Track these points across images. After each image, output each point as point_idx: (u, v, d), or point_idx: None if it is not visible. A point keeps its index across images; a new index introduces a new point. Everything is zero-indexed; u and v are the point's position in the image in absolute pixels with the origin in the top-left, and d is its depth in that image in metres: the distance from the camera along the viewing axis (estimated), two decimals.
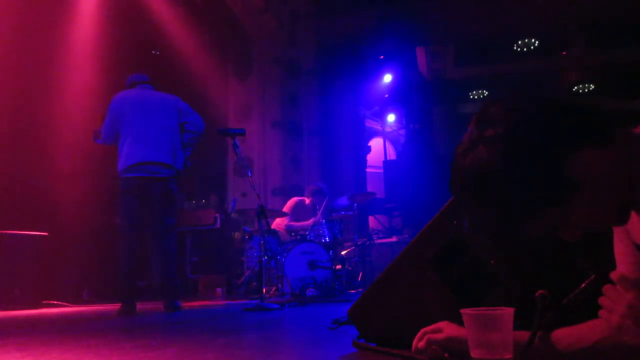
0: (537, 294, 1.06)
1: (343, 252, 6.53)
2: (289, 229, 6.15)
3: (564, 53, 9.80)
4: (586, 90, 10.67)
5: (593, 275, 1.05)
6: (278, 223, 6.27)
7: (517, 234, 0.99)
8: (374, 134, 11.40)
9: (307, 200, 6.35)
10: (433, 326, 1.30)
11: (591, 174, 0.92)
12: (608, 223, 1.03)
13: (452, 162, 1.02)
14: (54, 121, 5.86)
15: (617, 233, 1.11)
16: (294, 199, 6.44)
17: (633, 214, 0.98)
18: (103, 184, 5.92)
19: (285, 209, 6.33)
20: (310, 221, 6.05)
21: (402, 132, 11.37)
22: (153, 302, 4.71)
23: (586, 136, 0.93)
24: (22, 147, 5.69)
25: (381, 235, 8.06)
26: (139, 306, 4.12)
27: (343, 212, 6.58)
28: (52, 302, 5.15)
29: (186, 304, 4.68)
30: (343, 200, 6.64)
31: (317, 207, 6.19)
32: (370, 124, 11.27)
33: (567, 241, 0.99)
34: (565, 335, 1.10)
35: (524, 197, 0.93)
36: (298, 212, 6.26)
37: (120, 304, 3.86)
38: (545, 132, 0.93)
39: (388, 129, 11.46)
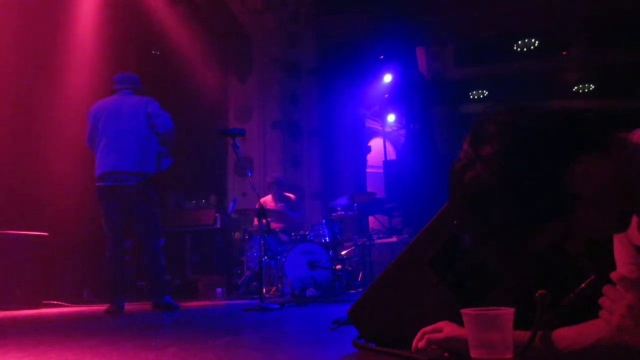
0: (537, 294, 1.06)
1: (343, 252, 6.53)
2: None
3: (564, 53, 9.79)
4: (586, 90, 10.65)
5: (593, 275, 1.05)
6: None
7: (519, 248, 0.99)
8: (374, 134, 11.40)
9: (270, 197, 6.41)
10: (433, 326, 1.30)
11: (589, 183, 0.92)
12: (610, 231, 1.03)
13: (450, 179, 1.01)
14: (55, 121, 5.86)
15: (617, 234, 1.11)
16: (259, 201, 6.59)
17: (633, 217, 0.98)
18: None
19: None
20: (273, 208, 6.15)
21: (402, 132, 11.36)
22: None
23: (582, 146, 0.93)
24: (22, 147, 5.69)
25: (381, 235, 8.06)
26: (140, 306, 4.11)
27: (343, 212, 6.58)
28: (52, 302, 5.15)
29: (186, 304, 4.68)
30: (343, 200, 6.63)
31: (276, 197, 6.30)
32: (370, 124, 11.27)
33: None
34: (565, 335, 1.10)
35: (524, 212, 0.93)
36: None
37: (108, 304, 3.95)
38: (541, 146, 0.93)
39: (388, 129, 11.45)
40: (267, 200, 6.35)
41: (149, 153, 4.23)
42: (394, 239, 7.53)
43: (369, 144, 10.86)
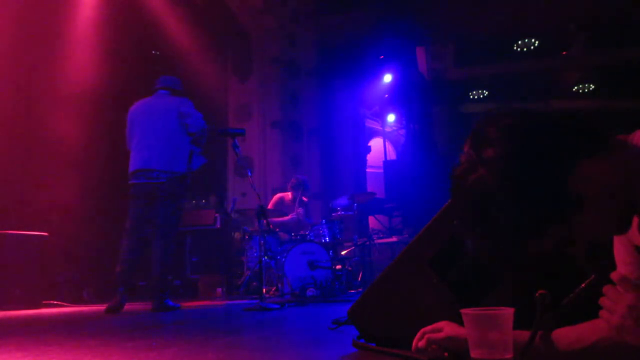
0: (537, 294, 1.06)
1: (343, 252, 6.53)
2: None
3: (564, 53, 9.80)
4: (586, 90, 10.65)
5: (593, 275, 1.05)
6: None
7: (521, 252, 0.99)
8: (374, 134, 11.40)
9: (289, 195, 6.42)
10: (433, 326, 1.30)
11: (591, 185, 0.92)
12: (611, 232, 1.03)
13: (452, 182, 1.01)
14: (54, 121, 5.86)
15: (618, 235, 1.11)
16: (276, 196, 6.59)
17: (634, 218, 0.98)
18: (104, 185, 5.92)
19: (269, 205, 6.39)
20: (289, 217, 6.11)
21: (402, 132, 11.37)
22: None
23: (584, 148, 0.93)
24: (22, 147, 5.69)
25: (381, 235, 8.06)
26: (140, 306, 4.10)
27: (343, 212, 6.58)
28: (52, 302, 5.15)
29: (186, 304, 4.68)
30: (343, 200, 6.64)
31: (296, 199, 6.30)
32: (370, 124, 11.27)
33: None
34: (565, 335, 1.10)
35: (527, 215, 0.93)
36: (280, 207, 6.35)
37: (110, 302, 3.94)
38: (542, 149, 0.93)
39: (388, 129, 11.45)
40: (286, 196, 6.40)
41: (180, 152, 4.26)
42: (394, 239, 7.53)
43: (369, 144, 10.86)
